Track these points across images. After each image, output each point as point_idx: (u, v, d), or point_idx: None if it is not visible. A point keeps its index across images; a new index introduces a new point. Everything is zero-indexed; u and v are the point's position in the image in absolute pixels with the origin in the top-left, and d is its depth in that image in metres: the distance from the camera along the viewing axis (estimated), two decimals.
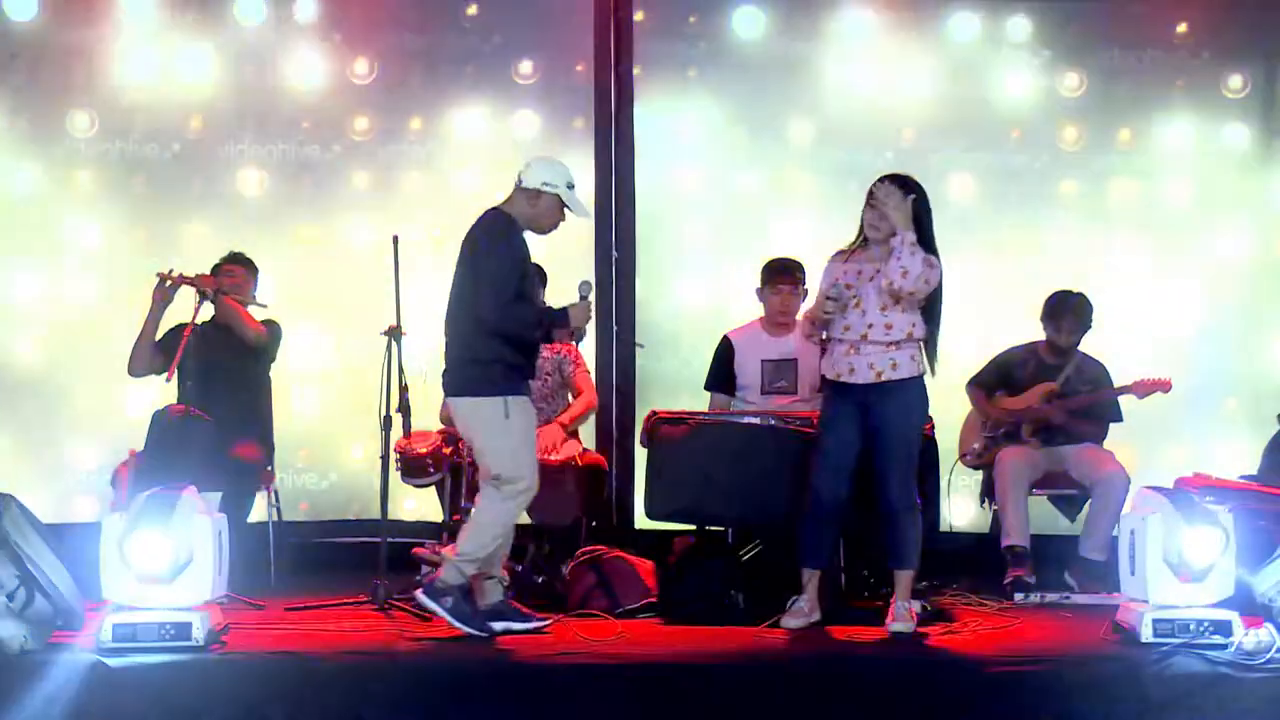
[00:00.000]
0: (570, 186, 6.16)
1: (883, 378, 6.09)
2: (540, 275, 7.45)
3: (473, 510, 6.16)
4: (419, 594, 6.01)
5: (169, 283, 7.17)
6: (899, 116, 8.53)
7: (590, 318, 6.24)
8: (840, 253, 6.28)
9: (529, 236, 6.15)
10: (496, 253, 5.99)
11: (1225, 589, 5.76)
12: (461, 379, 6.06)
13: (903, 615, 6.14)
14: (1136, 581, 5.88)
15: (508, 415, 5.95)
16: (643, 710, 5.40)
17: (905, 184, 6.12)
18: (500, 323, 5.96)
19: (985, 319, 8.13)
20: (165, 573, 5.65)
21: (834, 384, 6.19)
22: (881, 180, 6.16)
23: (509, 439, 5.99)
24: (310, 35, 8.45)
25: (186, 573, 5.67)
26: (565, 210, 6.18)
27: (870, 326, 6.09)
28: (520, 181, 6.12)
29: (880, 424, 6.11)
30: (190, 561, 5.67)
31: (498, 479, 6.01)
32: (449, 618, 5.92)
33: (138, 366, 7.32)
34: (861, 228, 6.23)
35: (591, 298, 6.22)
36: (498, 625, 6.02)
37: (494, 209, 6.15)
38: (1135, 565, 5.88)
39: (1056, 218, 8.45)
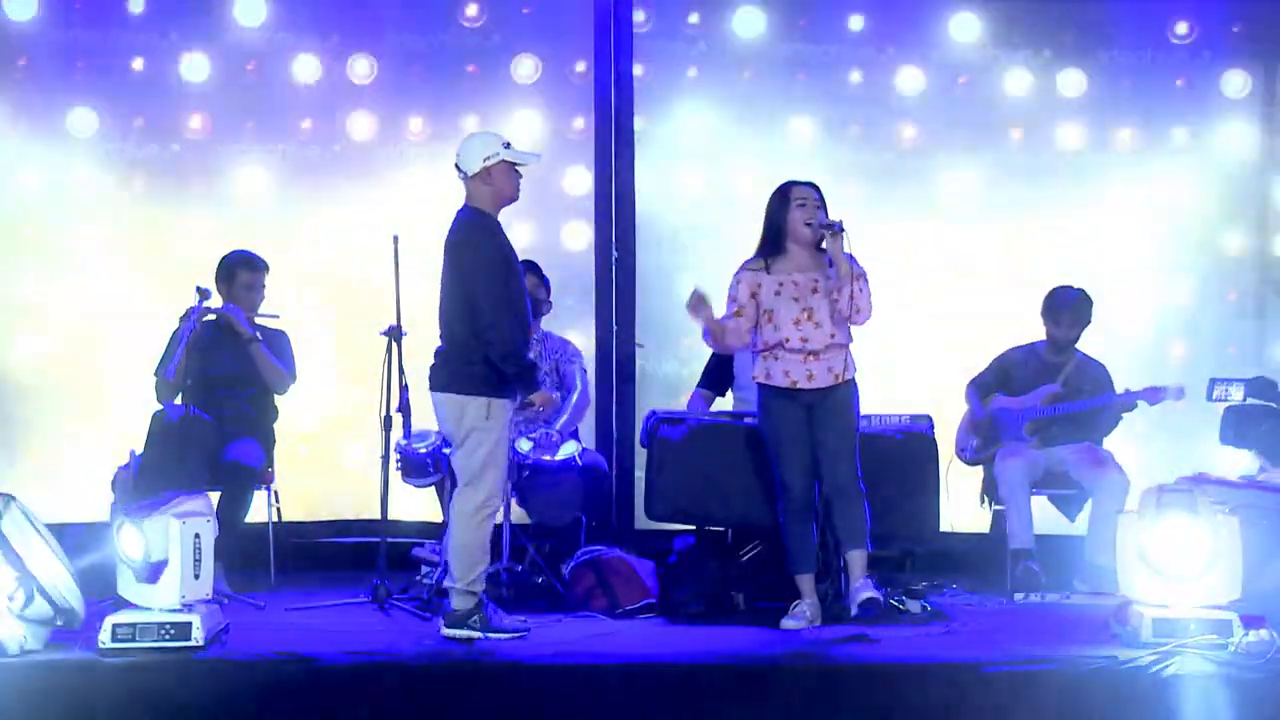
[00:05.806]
0: (506, 145, 6.04)
1: (840, 380, 6.24)
2: (534, 269, 7.31)
3: (447, 537, 6.12)
4: (443, 631, 5.95)
5: (203, 310, 6.99)
6: (899, 116, 8.53)
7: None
8: (751, 264, 6.32)
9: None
10: (483, 253, 5.95)
11: (1226, 589, 5.76)
12: (447, 375, 6.02)
13: (867, 588, 6.13)
14: (1136, 581, 5.88)
15: (488, 416, 5.93)
16: (643, 710, 5.40)
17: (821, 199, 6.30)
18: (492, 329, 5.89)
19: (985, 318, 8.14)
20: (165, 573, 5.65)
21: (779, 389, 6.25)
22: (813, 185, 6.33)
23: (484, 440, 5.94)
24: (310, 35, 8.44)
25: (185, 573, 5.68)
26: (518, 167, 6.08)
27: (832, 337, 6.23)
28: (465, 173, 6.03)
29: (833, 416, 6.25)
30: (185, 563, 5.67)
31: (465, 484, 5.98)
32: (483, 634, 5.90)
33: (171, 395, 7.02)
34: (770, 238, 6.31)
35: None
36: None
37: (466, 208, 6.08)
38: (1135, 565, 5.88)
39: (1057, 217, 8.44)
